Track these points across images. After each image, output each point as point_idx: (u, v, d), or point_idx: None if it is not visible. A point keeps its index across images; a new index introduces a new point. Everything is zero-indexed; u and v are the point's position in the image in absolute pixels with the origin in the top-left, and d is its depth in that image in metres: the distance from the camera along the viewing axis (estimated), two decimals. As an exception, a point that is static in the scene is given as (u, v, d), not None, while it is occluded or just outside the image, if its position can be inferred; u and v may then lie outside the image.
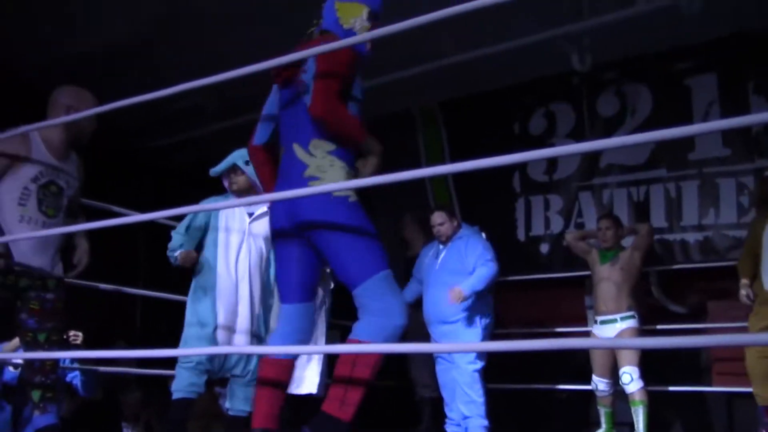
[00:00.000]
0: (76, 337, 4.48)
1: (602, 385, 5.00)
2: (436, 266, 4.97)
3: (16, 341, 4.19)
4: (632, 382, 4.76)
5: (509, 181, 6.86)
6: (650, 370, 4.95)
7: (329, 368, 4.90)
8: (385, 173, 2.44)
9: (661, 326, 5.50)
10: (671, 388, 5.30)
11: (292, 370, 2.77)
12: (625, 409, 5.01)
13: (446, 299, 4.67)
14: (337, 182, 2.56)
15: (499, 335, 5.84)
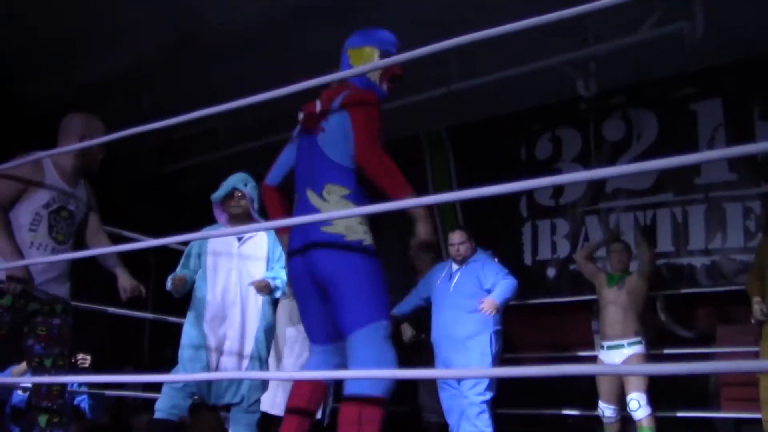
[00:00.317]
0: (84, 360, 4.50)
1: (609, 411, 4.98)
2: (450, 288, 4.91)
3: (24, 365, 4.21)
4: (640, 408, 4.74)
5: (516, 205, 6.88)
6: (658, 395, 4.93)
7: (335, 392, 4.89)
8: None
9: (668, 351, 5.49)
10: (679, 414, 5.27)
11: (319, 402, 2.75)
12: (633, 433, 4.98)
13: (460, 322, 4.67)
14: (350, 228, 2.56)
15: (506, 360, 5.82)
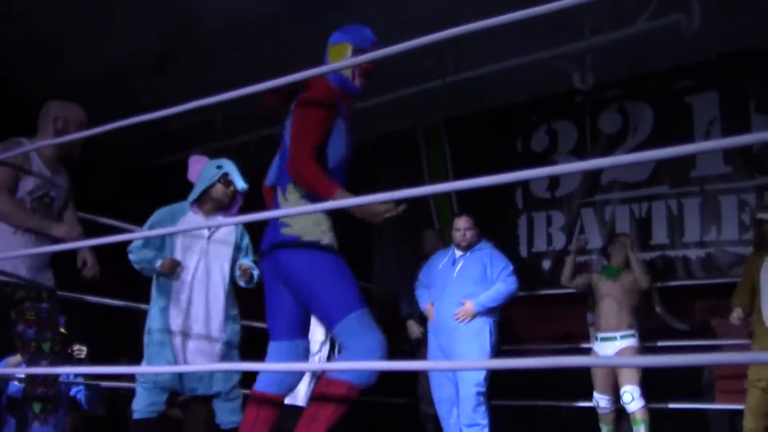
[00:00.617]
0: (80, 351, 4.49)
1: (603, 402, 5.00)
2: (453, 275, 4.88)
3: (17, 357, 4.20)
4: (633, 401, 4.76)
5: (512, 197, 6.90)
6: (652, 387, 4.95)
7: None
8: (388, 191, 2.45)
9: (662, 343, 5.51)
10: (672, 405, 5.29)
11: (281, 403, 2.77)
12: (627, 426, 5.01)
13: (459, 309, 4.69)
14: (306, 228, 2.60)
15: (501, 352, 5.83)
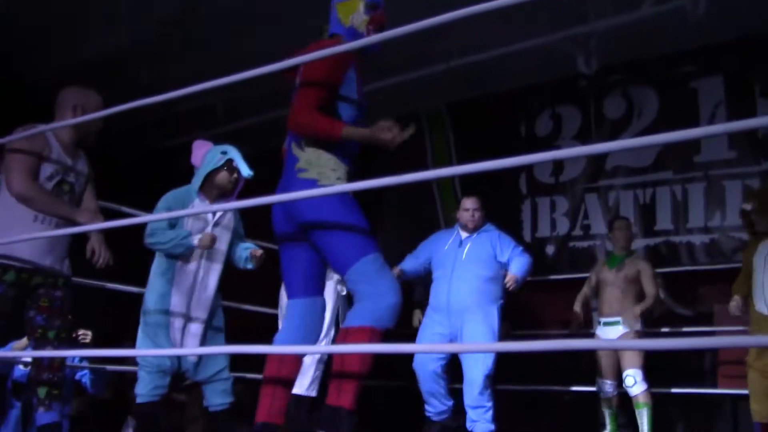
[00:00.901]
0: (85, 335, 4.51)
1: (606, 386, 5.01)
2: (462, 256, 4.88)
3: (25, 340, 4.22)
4: (636, 384, 4.76)
5: (516, 182, 6.88)
6: (655, 372, 4.95)
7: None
8: (391, 175, 2.45)
9: (665, 329, 5.51)
10: (675, 390, 5.30)
11: (298, 366, 2.78)
12: (630, 410, 5.02)
13: (472, 290, 4.69)
14: (322, 173, 2.65)
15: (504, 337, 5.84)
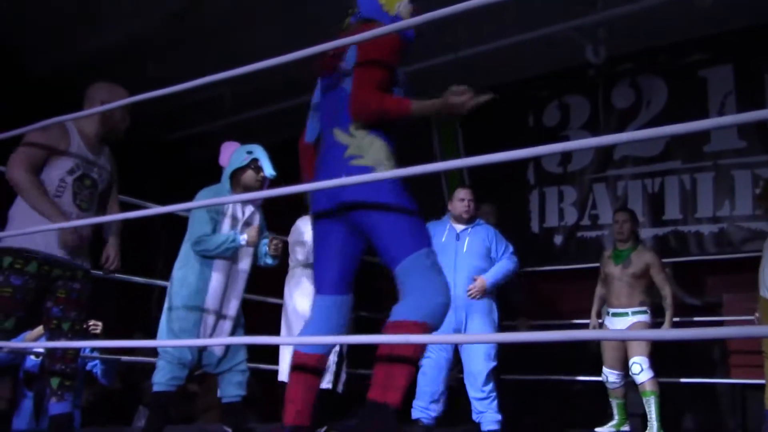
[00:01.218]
0: (95, 326, 4.54)
1: (612, 376, 5.00)
2: (462, 249, 4.83)
3: (39, 329, 4.26)
4: (642, 372, 4.75)
5: (524, 173, 6.88)
6: (663, 361, 4.96)
7: (351, 361, 4.88)
8: (399, 167, 2.46)
9: (675, 319, 5.50)
10: (683, 380, 5.30)
11: (325, 363, 2.68)
12: (638, 399, 5.02)
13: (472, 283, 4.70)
14: (378, 161, 2.53)
15: (512, 327, 5.86)
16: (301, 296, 4.69)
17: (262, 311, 5.35)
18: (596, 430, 5.06)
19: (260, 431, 4.25)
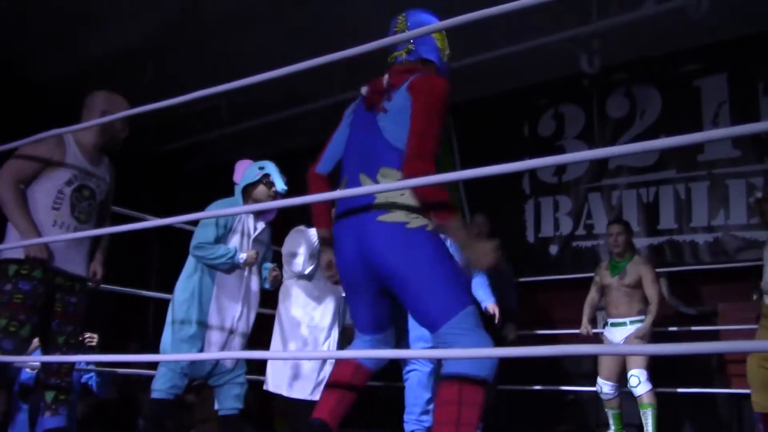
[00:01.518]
0: (91, 338, 4.53)
1: (607, 387, 4.98)
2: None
3: (35, 342, 4.24)
4: (640, 384, 4.75)
5: (519, 182, 6.89)
6: (660, 371, 4.95)
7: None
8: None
9: (671, 328, 5.51)
10: (680, 390, 5.30)
11: (368, 377, 2.60)
12: (634, 409, 5.02)
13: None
14: (411, 214, 2.34)
15: (499, 333, 5.84)
16: (295, 307, 4.68)
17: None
18: (593, 440, 5.06)
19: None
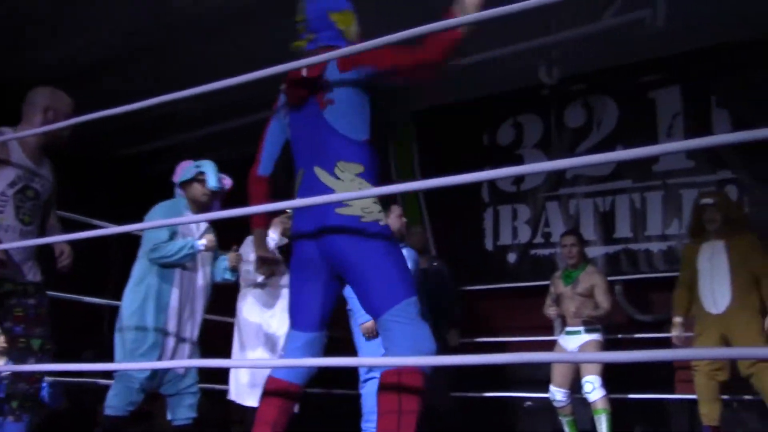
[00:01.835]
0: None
1: (559, 395, 5.01)
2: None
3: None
4: (594, 390, 4.79)
5: (478, 191, 6.94)
6: (613, 378, 5.01)
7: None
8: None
9: (624, 336, 5.59)
10: (632, 395, 5.37)
11: (301, 393, 2.62)
12: (588, 415, 5.06)
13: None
14: (366, 208, 2.45)
15: (467, 343, 5.88)
16: (251, 315, 4.68)
17: (209, 329, 5.28)
18: (548, 446, 5.10)
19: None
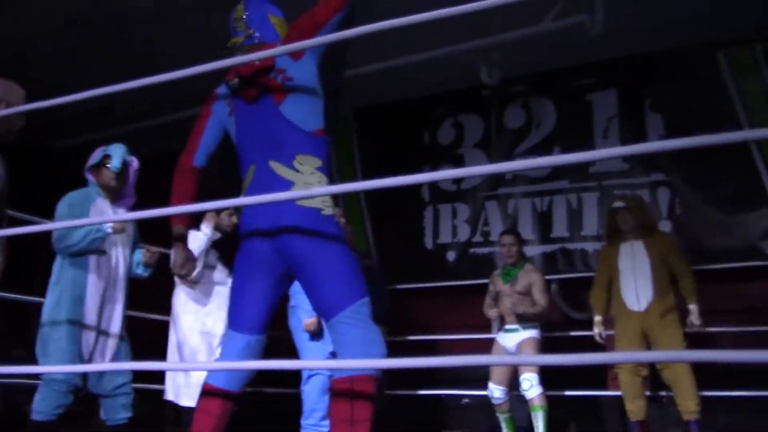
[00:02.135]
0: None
1: (498, 392, 5.07)
2: None
3: None
4: (532, 387, 4.87)
5: (418, 190, 6.97)
6: (549, 374, 5.09)
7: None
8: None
9: (560, 334, 5.69)
10: (568, 392, 5.47)
11: (237, 402, 2.57)
12: (525, 412, 5.13)
13: None
14: (325, 201, 2.46)
15: (407, 341, 5.91)
16: (186, 314, 4.62)
17: (145, 326, 5.18)
18: (486, 444, 5.15)
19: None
